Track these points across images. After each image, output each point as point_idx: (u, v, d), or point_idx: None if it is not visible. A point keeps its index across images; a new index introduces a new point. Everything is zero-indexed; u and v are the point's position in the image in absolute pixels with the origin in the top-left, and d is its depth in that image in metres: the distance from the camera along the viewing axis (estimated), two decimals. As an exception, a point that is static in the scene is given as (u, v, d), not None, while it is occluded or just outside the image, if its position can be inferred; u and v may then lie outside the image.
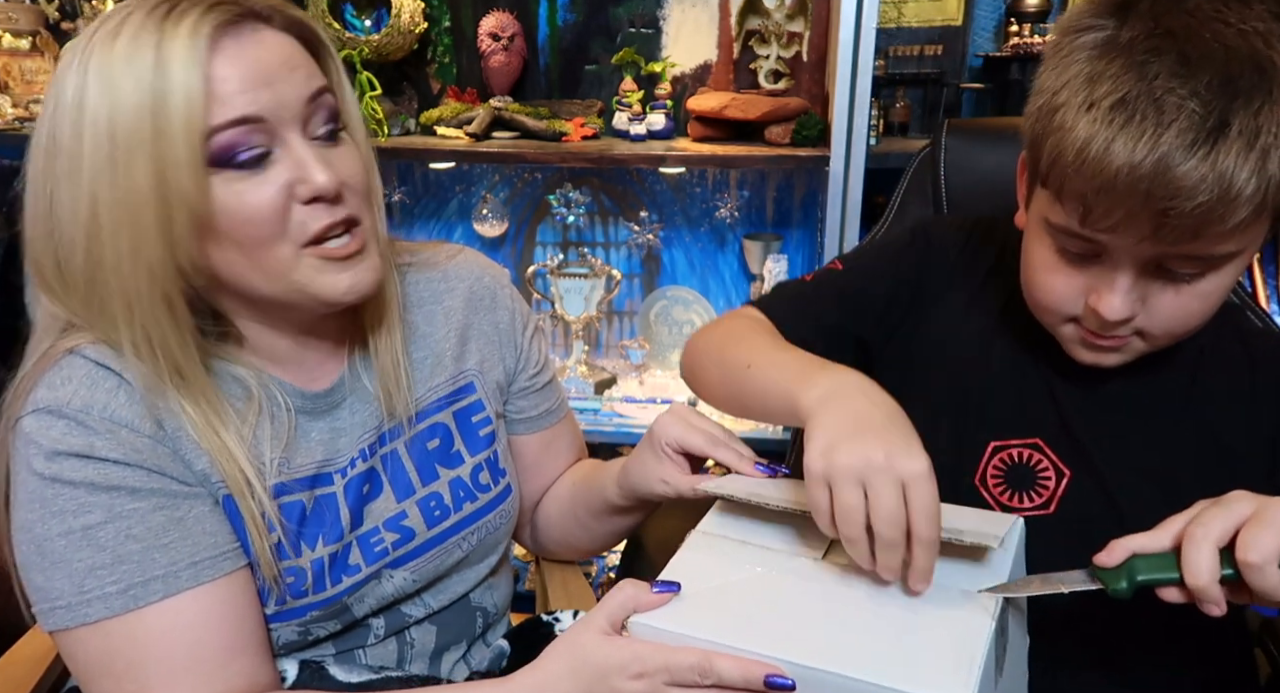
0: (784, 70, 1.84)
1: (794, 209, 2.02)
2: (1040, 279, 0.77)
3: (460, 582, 0.93)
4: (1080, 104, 0.66)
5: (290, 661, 0.82)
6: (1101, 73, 0.66)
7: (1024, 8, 1.89)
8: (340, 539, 0.81)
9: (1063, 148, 0.67)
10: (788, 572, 0.67)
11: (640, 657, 0.62)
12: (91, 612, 0.69)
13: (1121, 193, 0.65)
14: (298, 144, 0.70)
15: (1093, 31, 0.68)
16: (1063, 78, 0.69)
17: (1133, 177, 0.64)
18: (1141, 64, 0.64)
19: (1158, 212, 0.64)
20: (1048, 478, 0.83)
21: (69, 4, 2.13)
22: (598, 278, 2.00)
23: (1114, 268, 0.71)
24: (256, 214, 0.69)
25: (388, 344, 0.86)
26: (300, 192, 0.70)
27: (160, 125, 0.65)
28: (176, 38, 0.66)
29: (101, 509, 0.70)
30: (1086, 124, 0.66)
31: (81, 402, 0.71)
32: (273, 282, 0.72)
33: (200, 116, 0.66)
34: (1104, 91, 0.65)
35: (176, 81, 0.65)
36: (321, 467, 0.82)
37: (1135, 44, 0.65)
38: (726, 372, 0.84)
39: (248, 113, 0.68)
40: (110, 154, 0.66)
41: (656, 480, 0.84)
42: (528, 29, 1.93)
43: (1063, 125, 0.67)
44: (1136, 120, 0.63)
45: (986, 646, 0.58)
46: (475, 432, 0.93)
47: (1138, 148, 0.63)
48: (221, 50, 0.67)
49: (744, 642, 0.59)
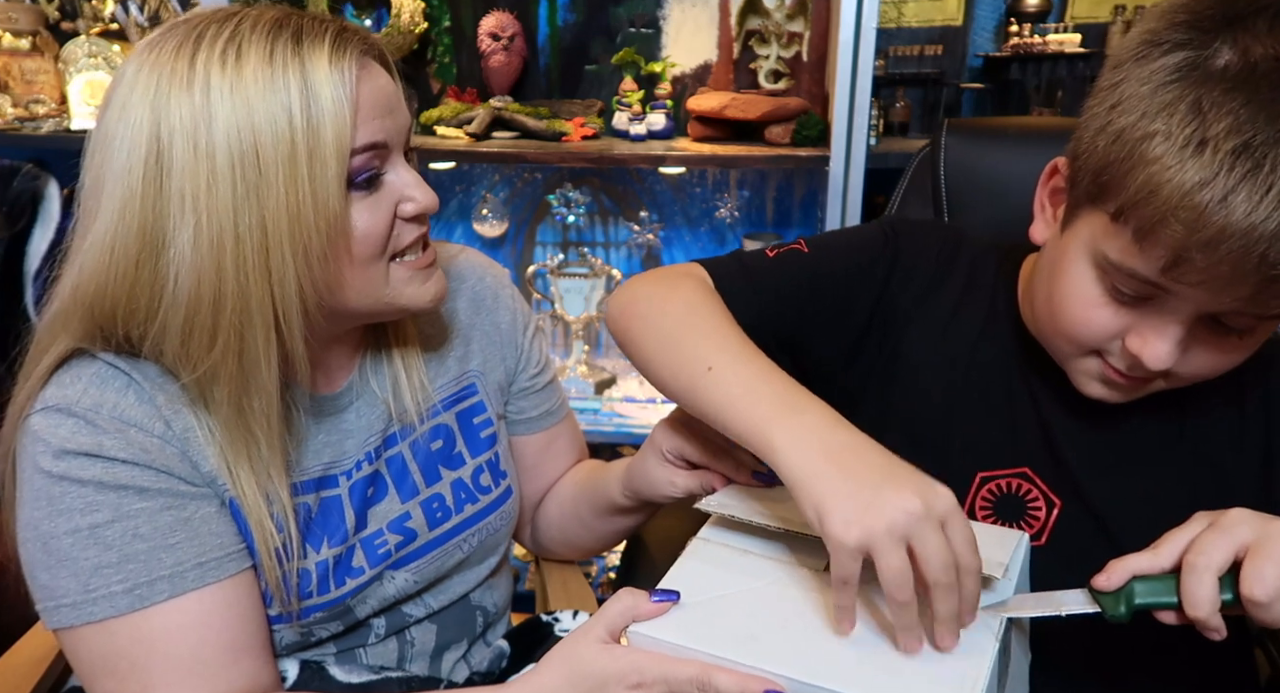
0: (784, 70, 1.84)
1: (794, 209, 2.02)
2: (1076, 312, 0.70)
3: (461, 582, 0.93)
4: (1186, 138, 0.58)
5: (291, 661, 0.82)
6: (1216, 105, 0.57)
7: (1024, 8, 1.89)
8: (345, 542, 0.82)
9: (1157, 186, 0.59)
10: (789, 583, 0.66)
11: (639, 667, 0.61)
12: (97, 611, 0.69)
13: (1232, 253, 0.58)
14: (403, 166, 0.75)
15: (1189, 48, 0.60)
16: (1152, 99, 0.60)
17: (1249, 237, 0.57)
18: (1271, 102, 0.56)
19: (1268, 278, 0.58)
20: (1038, 508, 0.80)
21: (69, 4, 2.13)
22: (598, 278, 2.00)
23: (1170, 315, 0.65)
24: (373, 230, 0.72)
25: (405, 350, 0.87)
26: (405, 209, 0.75)
27: (311, 147, 0.67)
28: (319, 63, 0.68)
29: (109, 508, 0.70)
30: (1197, 166, 0.57)
31: (91, 400, 0.71)
32: (364, 297, 0.75)
33: (348, 138, 0.68)
34: (1222, 130, 0.57)
35: (327, 104, 0.67)
36: (328, 469, 0.82)
37: (1259, 75, 0.57)
38: (681, 365, 0.72)
39: (378, 139, 0.71)
40: (255, 178, 0.66)
41: (664, 483, 0.84)
42: (528, 29, 1.93)
43: (1159, 159, 0.59)
44: (1265, 172, 0.56)
45: (990, 666, 0.57)
46: (477, 433, 0.93)
47: (1262, 205, 0.56)
48: (359, 78, 0.70)
49: (743, 656, 0.59)
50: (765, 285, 0.83)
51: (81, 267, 0.70)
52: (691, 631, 0.62)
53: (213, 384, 0.71)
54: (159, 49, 0.68)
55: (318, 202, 0.68)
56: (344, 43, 0.70)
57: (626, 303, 0.81)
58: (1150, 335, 0.66)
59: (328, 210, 0.68)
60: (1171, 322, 0.66)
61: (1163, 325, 0.66)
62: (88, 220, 0.70)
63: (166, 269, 0.67)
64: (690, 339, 0.73)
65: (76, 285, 0.71)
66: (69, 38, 2.11)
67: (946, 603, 0.57)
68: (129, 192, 0.66)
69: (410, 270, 0.77)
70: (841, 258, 0.86)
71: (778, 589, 0.65)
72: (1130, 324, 0.68)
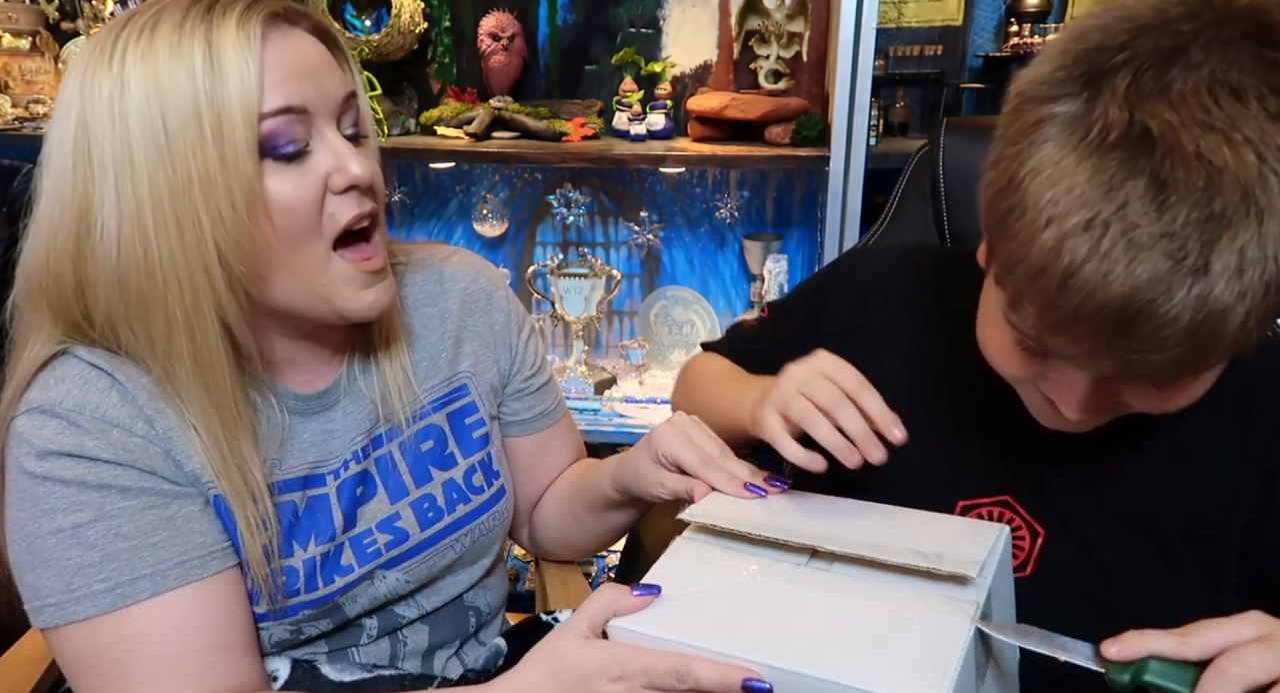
0: (784, 70, 1.83)
1: (794, 209, 2.02)
2: (995, 356, 0.70)
3: (453, 583, 0.93)
4: (1043, 214, 0.55)
5: (282, 659, 0.82)
6: (1068, 177, 0.55)
7: (1024, 8, 1.89)
8: (332, 540, 0.81)
9: (1019, 262, 0.57)
10: (771, 577, 0.66)
11: (620, 660, 0.62)
12: (79, 610, 0.69)
13: (1083, 333, 0.57)
14: (333, 137, 0.72)
15: (1064, 101, 0.57)
16: (1027, 163, 0.57)
17: (1097, 319, 0.55)
18: (1110, 183, 0.53)
19: (1124, 360, 0.57)
20: (1022, 538, 0.78)
21: (69, 4, 2.13)
22: (598, 278, 2.00)
23: (1077, 376, 0.63)
24: (298, 204, 0.71)
25: (392, 350, 0.86)
26: (335, 181, 0.72)
27: (218, 110, 0.66)
28: (226, 28, 0.67)
29: (91, 508, 0.70)
30: (1049, 244, 0.55)
31: (74, 401, 0.71)
32: (299, 281, 0.73)
33: (255, 100, 0.67)
34: (1068, 207, 0.54)
35: (231, 67, 0.67)
36: (314, 468, 0.82)
37: (1106, 148, 0.54)
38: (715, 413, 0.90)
39: (293, 102, 0.69)
40: (164, 144, 0.67)
41: (652, 483, 0.84)
42: (528, 29, 1.93)
43: (1020, 234, 0.57)
44: (1102, 254, 0.53)
45: (963, 648, 0.57)
46: (469, 434, 0.93)
47: (1103, 286, 0.54)
48: (269, 41, 0.69)
49: (722, 645, 0.59)
50: (764, 348, 0.99)
51: (29, 247, 0.72)
52: (671, 623, 0.62)
53: (175, 372, 0.71)
54: (99, 32, 0.70)
55: (227, 168, 0.67)
56: (255, 8, 0.69)
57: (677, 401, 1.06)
58: (1063, 388, 0.65)
59: (239, 177, 0.67)
60: (1079, 380, 0.63)
61: (1072, 383, 0.64)
62: (35, 202, 0.72)
63: (99, 241, 0.69)
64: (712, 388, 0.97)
65: (24, 264, 0.72)
66: (69, 38, 2.11)
67: (850, 421, 0.71)
68: (61, 166, 0.69)
69: (353, 269, 0.75)
70: (802, 311, 0.97)
71: (760, 582, 0.66)
72: (1043, 373, 0.66)
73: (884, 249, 0.97)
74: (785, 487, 0.76)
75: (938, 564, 0.62)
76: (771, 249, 1.95)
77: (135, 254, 0.68)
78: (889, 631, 0.60)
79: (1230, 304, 0.53)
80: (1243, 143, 0.52)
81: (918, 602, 0.62)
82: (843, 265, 0.97)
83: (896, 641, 0.59)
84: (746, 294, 2.08)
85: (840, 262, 0.99)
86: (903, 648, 0.58)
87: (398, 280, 0.90)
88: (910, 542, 0.67)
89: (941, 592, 0.63)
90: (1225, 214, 0.52)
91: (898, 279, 0.91)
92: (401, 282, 0.92)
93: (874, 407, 0.71)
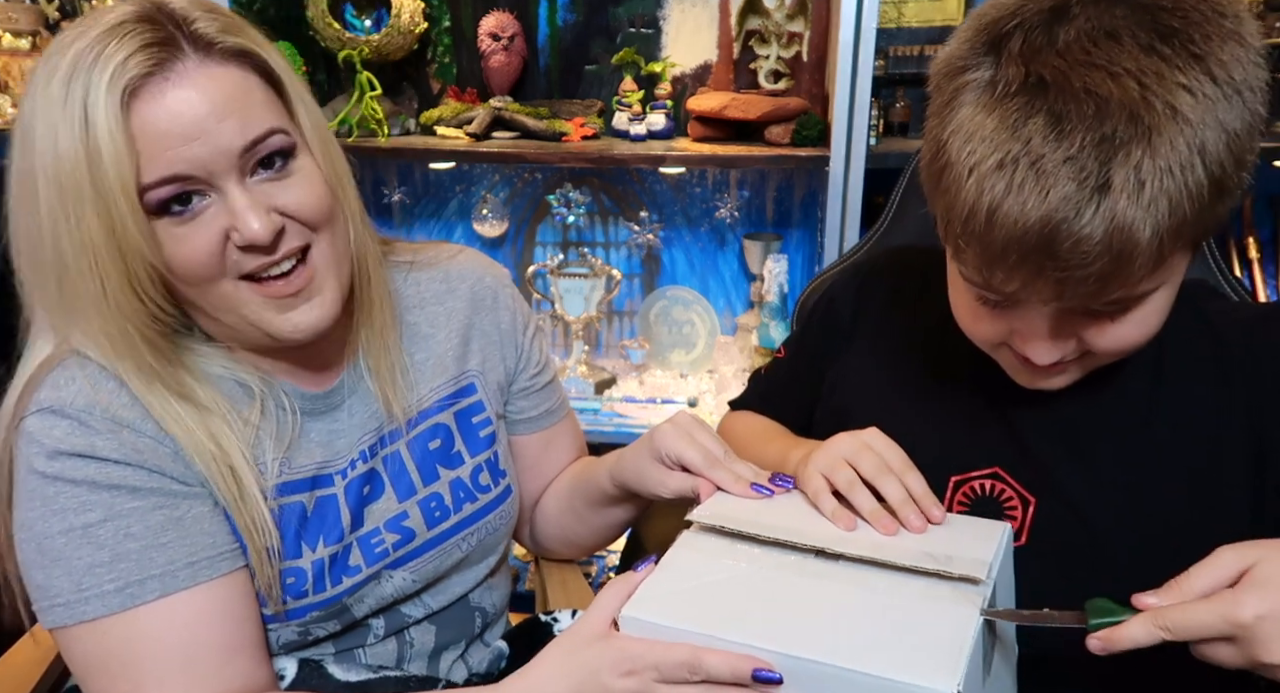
0: (784, 70, 1.84)
1: (794, 209, 2.02)
2: (965, 321, 0.76)
3: (459, 582, 0.93)
4: (964, 165, 0.62)
5: (289, 659, 0.82)
6: (980, 128, 0.62)
7: (1024, 8, 1.89)
8: (340, 540, 0.81)
9: (952, 213, 0.64)
10: (780, 567, 0.67)
11: (630, 655, 0.62)
12: (89, 610, 0.69)
13: (1015, 262, 0.62)
14: (234, 191, 0.69)
15: (972, 71, 0.64)
16: (948, 128, 0.65)
17: (1023, 247, 0.61)
18: (1014, 125, 0.60)
19: (1055, 280, 0.62)
20: (1014, 508, 0.80)
21: (69, 4, 2.13)
22: (598, 278, 2.00)
23: (1033, 315, 0.68)
24: (194, 257, 0.69)
25: (381, 346, 0.85)
26: (234, 239, 0.70)
27: (97, 181, 0.65)
28: (98, 92, 0.64)
29: (101, 508, 0.70)
30: (971, 189, 0.62)
31: (84, 402, 0.71)
32: (226, 314, 0.73)
33: (131, 176, 0.65)
34: (983, 153, 0.62)
35: (104, 141, 0.64)
36: (321, 468, 0.82)
37: (1008, 98, 0.61)
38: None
39: (176, 171, 0.67)
40: (61, 201, 0.66)
41: (654, 483, 0.84)
42: (528, 29, 1.93)
43: (949, 188, 0.64)
44: (1016, 187, 0.60)
45: (975, 635, 0.58)
46: (476, 432, 0.93)
47: (1022, 215, 0.60)
48: (143, 107, 0.66)
49: (732, 634, 0.60)
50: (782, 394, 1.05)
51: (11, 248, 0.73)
52: (682, 613, 0.62)
53: (129, 373, 0.72)
54: (47, 49, 0.70)
55: (116, 237, 0.66)
56: (127, 65, 0.65)
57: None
58: (1029, 335, 0.70)
59: (129, 244, 0.67)
60: (1037, 320, 0.68)
61: (1033, 325, 0.69)
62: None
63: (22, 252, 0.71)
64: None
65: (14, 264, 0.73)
66: (69, 38, 2.10)
67: (892, 491, 0.71)
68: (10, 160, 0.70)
69: (261, 297, 0.72)
70: (798, 348, 1.04)
71: (769, 573, 0.66)
72: (1011, 327, 0.71)
73: (879, 254, 1.02)
74: (790, 486, 0.77)
75: (948, 567, 0.63)
76: (771, 249, 1.95)
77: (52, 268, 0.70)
78: (900, 620, 0.60)
79: (1137, 216, 0.59)
80: (1123, 74, 0.59)
81: (926, 593, 0.63)
82: (846, 275, 1.00)
83: (908, 630, 0.59)
84: (746, 294, 2.08)
85: (845, 271, 1.02)
86: (915, 637, 0.59)
87: (402, 280, 0.91)
88: (918, 542, 0.68)
89: (949, 584, 0.64)
90: (1117, 134, 0.58)
91: (888, 278, 0.96)
92: (407, 281, 0.92)
93: (916, 486, 0.72)
